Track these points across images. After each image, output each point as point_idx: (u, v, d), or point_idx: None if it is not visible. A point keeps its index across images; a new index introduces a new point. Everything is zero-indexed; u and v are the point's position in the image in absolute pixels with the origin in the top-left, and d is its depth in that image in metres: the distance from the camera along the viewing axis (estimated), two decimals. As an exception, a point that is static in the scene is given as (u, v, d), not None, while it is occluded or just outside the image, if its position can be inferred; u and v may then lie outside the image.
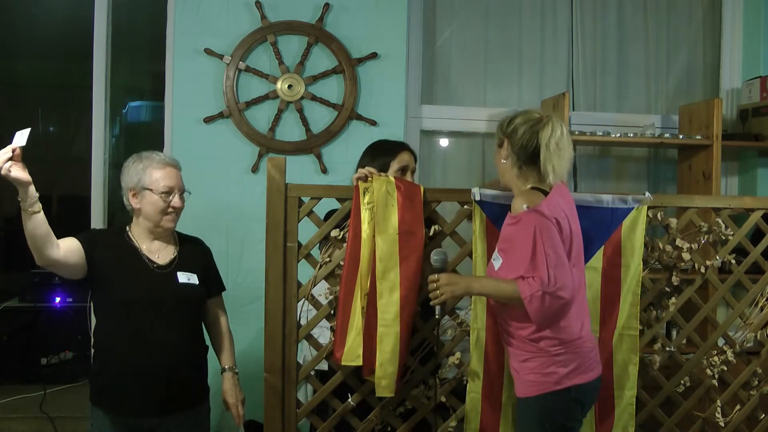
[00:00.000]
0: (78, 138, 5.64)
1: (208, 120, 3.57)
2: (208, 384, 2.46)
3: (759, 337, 2.65)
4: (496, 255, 2.12)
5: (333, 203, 2.47)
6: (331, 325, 2.43)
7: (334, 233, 2.41)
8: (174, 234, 2.43)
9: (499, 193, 2.34)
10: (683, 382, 2.60)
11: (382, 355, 2.27)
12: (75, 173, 5.33)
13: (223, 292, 2.55)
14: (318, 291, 2.47)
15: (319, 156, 3.62)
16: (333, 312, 2.41)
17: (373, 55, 3.63)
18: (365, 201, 2.33)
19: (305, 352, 2.89)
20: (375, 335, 2.28)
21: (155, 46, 3.80)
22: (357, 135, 3.61)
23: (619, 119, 4.01)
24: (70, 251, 2.21)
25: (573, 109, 3.99)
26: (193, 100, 3.58)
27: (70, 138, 5.84)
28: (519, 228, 2.02)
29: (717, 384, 2.62)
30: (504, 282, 2.04)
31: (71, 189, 5.33)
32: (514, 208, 2.06)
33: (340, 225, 2.42)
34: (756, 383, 2.67)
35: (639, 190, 3.84)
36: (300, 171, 3.52)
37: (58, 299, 3.93)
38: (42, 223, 2.09)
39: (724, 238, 2.58)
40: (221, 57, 3.55)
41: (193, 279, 2.37)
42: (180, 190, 2.34)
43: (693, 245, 2.54)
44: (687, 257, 2.52)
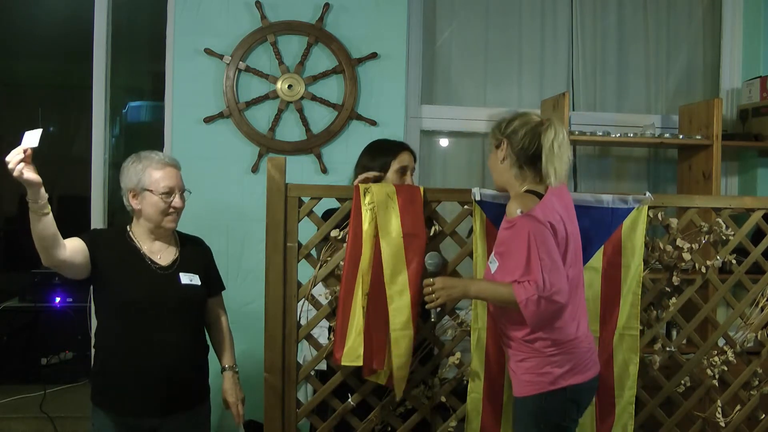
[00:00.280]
0: (78, 138, 5.64)
1: (208, 120, 3.57)
2: (209, 384, 2.46)
3: (759, 337, 2.65)
4: (492, 258, 2.13)
5: (333, 203, 2.47)
6: (331, 325, 2.43)
7: (334, 233, 2.41)
8: (175, 234, 2.42)
9: (499, 194, 2.34)
10: (683, 382, 2.60)
11: (398, 359, 2.27)
12: (75, 173, 5.33)
13: (223, 291, 2.55)
14: (318, 291, 2.46)
15: (319, 156, 3.61)
16: (333, 312, 2.41)
17: (373, 55, 3.63)
18: (366, 201, 2.32)
19: (305, 352, 2.89)
20: (377, 336, 2.28)
21: (155, 46, 3.80)
22: (357, 135, 3.61)
23: (619, 119, 4.01)
24: (75, 251, 2.21)
25: (573, 109, 3.98)
26: (193, 100, 3.57)
27: (70, 138, 5.84)
28: (513, 233, 2.03)
29: (717, 384, 2.62)
30: (500, 285, 2.05)
31: (71, 189, 5.33)
32: (508, 212, 2.07)
33: (340, 225, 2.42)
34: (756, 383, 2.67)
35: (639, 190, 3.84)
36: (300, 171, 3.52)
37: (58, 299, 3.93)
38: (51, 225, 2.08)
39: (724, 238, 2.58)
40: (221, 57, 3.55)
41: (195, 280, 2.37)
42: (180, 189, 2.33)
43: (693, 245, 2.54)
44: (687, 257, 2.52)
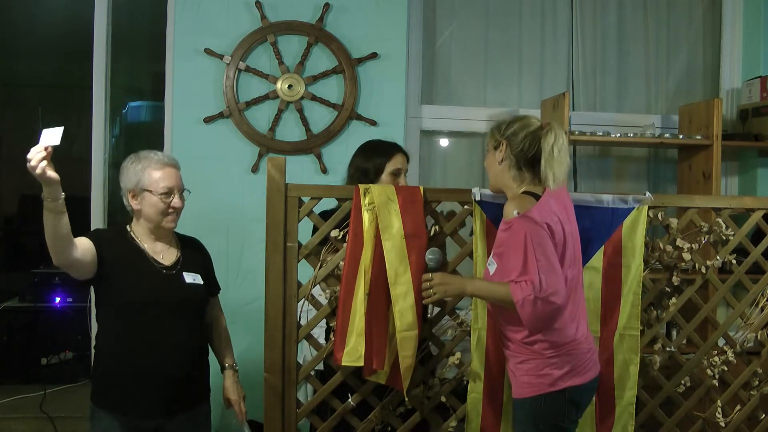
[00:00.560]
0: (78, 138, 5.64)
1: (208, 120, 3.57)
2: (209, 384, 2.46)
3: (759, 337, 2.65)
4: (491, 260, 2.13)
5: (333, 203, 2.47)
6: (331, 325, 2.43)
7: (334, 233, 2.41)
8: (174, 234, 2.43)
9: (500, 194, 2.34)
10: (683, 382, 2.60)
11: (406, 360, 2.27)
12: (75, 173, 5.32)
13: (222, 291, 2.55)
14: (318, 291, 2.46)
15: (319, 156, 3.61)
16: (333, 312, 2.41)
17: (373, 55, 3.63)
18: (366, 202, 2.33)
19: (305, 352, 2.89)
20: (378, 336, 2.28)
21: (155, 46, 3.80)
22: (357, 135, 3.60)
23: (619, 119, 4.01)
24: (85, 251, 2.19)
25: (573, 109, 3.98)
26: (193, 100, 3.57)
27: (70, 138, 5.83)
28: (510, 234, 2.03)
29: (717, 384, 2.62)
30: (498, 285, 2.05)
31: (71, 189, 5.30)
32: (505, 213, 2.07)
33: (339, 225, 2.42)
34: (756, 383, 2.67)
35: (639, 190, 3.84)
36: (300, 171, 3.52)
37: (58, 299, 3.93)
38: (67, 223, 2.07)
39: (724, 238, 2.58)
40: (221, 57, 3.55)
41: (198, 279, 2.38)
42: (179, 189, 2.33)
43: (693, 245, 2.54)
44: (687, 257, 2.52)
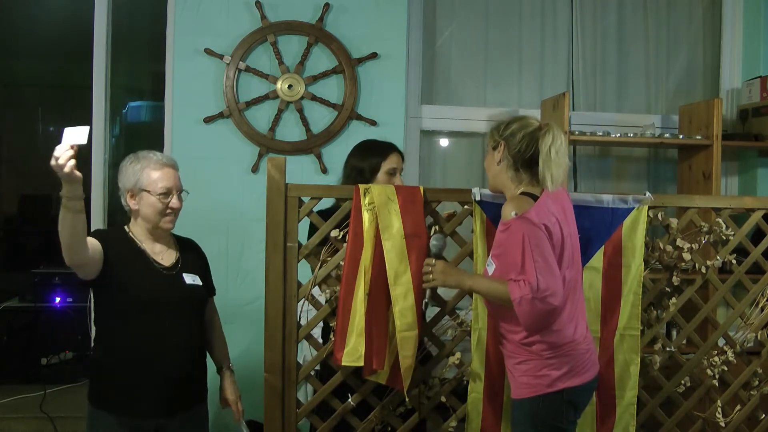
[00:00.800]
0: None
1: (208, 120, 3.57)
2: (207, 384, 2.46)
3: (759, 337, 2.65)
4: (489, 261, 2.14)
5: (332, 202, 2.47)
6: (331, 325, 2.43)
7: (334, 233, 2.41)
8: (172, 236, 2.43)
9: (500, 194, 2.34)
10: (683, 382, 2.60)
11: (406, 360, 2.27)
12: (75, 173, 5.32)
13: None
14: (318, 291, 2.47)
15: (319, 156, 3.61)
16: (333, 312, 2.41)
17: (373, 55, 3.63)
18: (366, 202, 2.33)
19: (305, 352, 2.89)
20: (378, 336, 2.28)
21: (155, 46, 3.80)
22: (357, 135, 3.60)
23: (619, 119, 4.01)
24: (94, 250, 2.18)
25: (573, 109, 3.98)
26: (193, 100, 3.57)
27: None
28: (508, 235, 2.03)
29: (717, 384, 2.62)
30: (496, 282, 2.05)
31: (71, 189, 5.32)
32: (503, 214, 2.07)
33: (339, 225, 2.42)
34: (756, 383, 2.67)
35: (639, 190, 3.84)
36: (300, 171, 3.52)
37: (58, 299, 3.93)
38: (84, 223, 2.06)
39: (724, 238, 2.58)
40: (221, 57, 3.55)
41: (197, 280, 2.38)
42: (178, 190, 2.33)
43: (693, 245, 2.54)
44: (687, 257, 2.52)
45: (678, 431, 2.61)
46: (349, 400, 2.46)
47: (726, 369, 2.62)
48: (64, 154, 1.91)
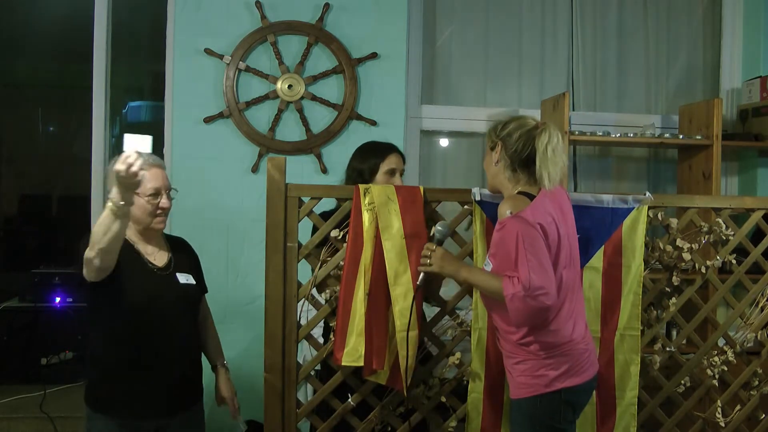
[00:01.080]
0: (78, 138, 5.65)
1: (208, 120, 3.57)
2: (203, 383, 2.47)
3: (759, 337, 2.65)
4: (487, 260, 2.14)
5: (333, 203, 2.47)
6: (331, 325, 2.43)
7: (333, 233, 2.41)
8: (163, 235, 2.42)
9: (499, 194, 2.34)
10: (683, 382, 2.60)
11: (404, 360, 2.27)
12: (75, 173, 5.33)
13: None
14: (318, 291, 2.46)
15: (319, 156, 3.61)
16: (333, 312, 2.41)
17: (373, 55, 3.63)
18: (365, 202, 2.33)
19: (305, 352, 2.89)
20: (377, 336, 2.28)
21: (155, 46, 3.80)
22: (357, 135, 3.60)
23: (619, 119, 4.01)
24: None
25: (573, 109, 3.99)
26: (193, 100, 3.58)
27: (70, 138, 5.85)
28: (503, 234, 2.03)
29: (717, 384, 2.62)
30: (492, 277, 2.06)
31: (71, 189, 5.34)
32: (499, 213, 2.08)
33: (339, 225, 2.42)
34: (756, 383, 2.67)
35: (639, 190, 3.83)
36: (300, 171, 3.52)
37: (58, 299, 3.92)
38: (126, 228, 2.06)
39: (724, 238, 2.58)
40: (221, 57, 3.55)
41: (191, 280, 2.38)
42: (167, 189, 2.30)
43: (693, 245, 2.53)
44: (687, 257, 2.52)
45: (678, 431, 2.61)
46: (349, 400, 2.46)
47: (726, 369, 2.62)
48: (137, 162, 1.90)
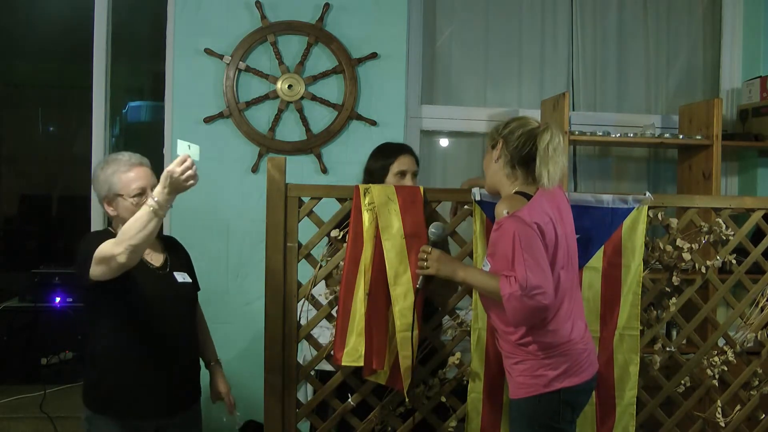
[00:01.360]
0: (78, 138, 5.65)
1: (208, 120, 3.57)
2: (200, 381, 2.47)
3: (759, 338, 2.65)
4: (485, 261, 2.14)
5: (333, 203, 2.47)
6: (333, 324, 2.43)
7: (333, 233, 2.41)
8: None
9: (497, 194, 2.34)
10: (683, 382, 2.60)
11: (405, 360, 2.27)
12: (75, 173, 5.34)
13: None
14: (318, 291, 2.47)
15: (319, 156, 3.61)
16: (334, 312, 2.41)
17: (373, 55, 3.63)
18: (365, 202, 2.33)
19: (305, 352, 2.89)
20: (377, 336, 2.28)
21: (155, 46, 3.80)
22: (357, 135, 3.61)
23: (619, 119, 4.01)
24: None
25: (573, 109, 3.98)
26: (193, 100, 3.58)
27: (70, 138, 5.85)
28: (500, 234, 2.03)
29: (717, 384, 2.62)
30: (489, 277, 2.06)
31: (71, 189, 5.34)
32: (497, 213, 2.08)
33: (339, 225, 2.42)
34: (756, 383, 2.67)
35: (639, 190, 3.83)
36: (300, 171, 3.52)
37: (58, 299, 3.92)
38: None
39: (724, 238, 2.58)
40: (221, 57, 3.55)
41: (186, 278, 2.38)
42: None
43: (693, 245, 2.54)
44: (687, 257, 2.52)
45: (678, 431, 2.61)
46: (349, 400, 2.46)
47: (726, 369, 2.62)
48: (194, 168, 1.94)
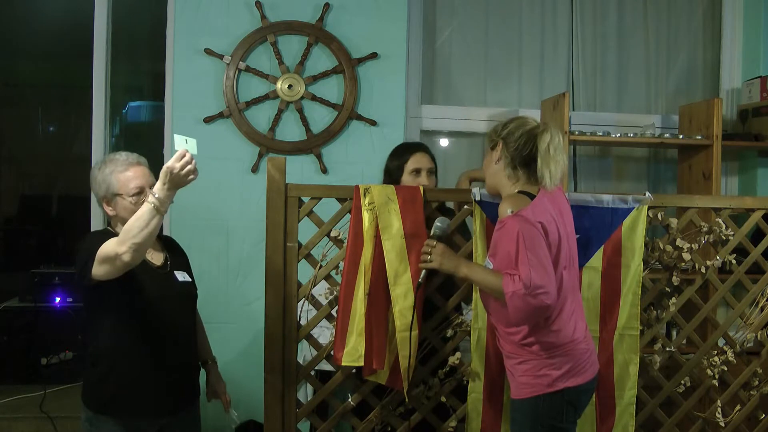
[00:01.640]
0: (78, 138, 5.65)
1: (208, 120, 3.57)
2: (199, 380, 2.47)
3: (759, 338, 2.65)
4: (487, 260, 2.14)
5: (333, 203, 2.47)
6: (333, 324, 2.43)
7: (333, 233, 2.41)
8: None
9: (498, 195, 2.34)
10: (683, 382, 2.60)
11: (405, 360, 2.28)
12: (75, 173, 5.34)
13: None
14: (318, 291, 2.47)
15: (319, 156, 3.61)
16: (334, 312, 2.41)
17: (373, 55, 3.63)
18: (365, 202, 2.33)
19: (305, 352, 2.89)
20: (377, 336, 2.28)
21: (155, 46, 3.80)
22: (357, 135, 3.61)
23: (619, 119, 4.01)
24: None
25: (573, 109, 3.99)
26: (193, 100, 3.58)
27: (70, 138, 5.85)
28: (504, 233, 2.03)
29: (717, 384, 2.62)
30: (492, 274, 2.06)
31: (71, 189, 5.34)
32: (500, 212, 2.08)
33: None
34: (756, 383, 2.67)
35: (639, 190, 3.84)
36: (300, 171, 3.52)
37: (58, 299, 3.92)
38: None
39: (724, 238, 2.58)
40: (221, 57, 3.55)
41: (187, 277, 2.39)
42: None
43: (693, 245, 2.54)
44: (687, 257, 2.52)
45: (678, 431, 2.61)
46: (349, 400, 2.46)
47: (726, 369, 2.62)
48: (193, 162, 1.94)
